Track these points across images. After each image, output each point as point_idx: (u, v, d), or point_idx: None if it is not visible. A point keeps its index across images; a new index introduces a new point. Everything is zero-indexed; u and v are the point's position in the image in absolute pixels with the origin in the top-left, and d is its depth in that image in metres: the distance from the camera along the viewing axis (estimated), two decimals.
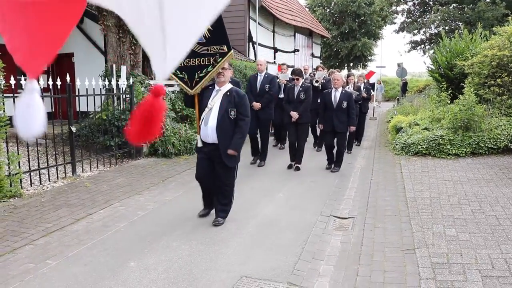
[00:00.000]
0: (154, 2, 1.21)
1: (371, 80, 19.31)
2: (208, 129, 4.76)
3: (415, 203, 5.77)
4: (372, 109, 18.22)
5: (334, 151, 8.07)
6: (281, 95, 10.18)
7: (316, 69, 11.16)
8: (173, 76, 4.79)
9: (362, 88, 10.94)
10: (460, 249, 4.21)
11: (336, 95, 7.75)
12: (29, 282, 3.67)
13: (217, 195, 5.06)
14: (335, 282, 3.77)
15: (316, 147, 10.25)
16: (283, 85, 9.61)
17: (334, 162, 8.02)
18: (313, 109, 8.87)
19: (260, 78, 8.45)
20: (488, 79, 10.17)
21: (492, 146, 8.51)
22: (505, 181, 6.59)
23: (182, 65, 4.73)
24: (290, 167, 8.02)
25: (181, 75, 4.88)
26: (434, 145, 8.78)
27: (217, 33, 4.65)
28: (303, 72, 10.51)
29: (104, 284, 3.64)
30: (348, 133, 8.24)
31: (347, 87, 9.47)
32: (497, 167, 7.53)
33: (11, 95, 6.20)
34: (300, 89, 7.78)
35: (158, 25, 1.25)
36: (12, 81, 5.99)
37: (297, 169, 7.91)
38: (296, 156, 7.96)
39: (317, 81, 9.68)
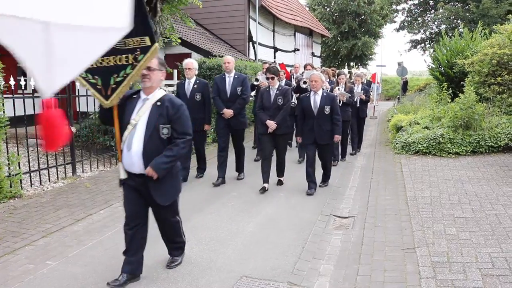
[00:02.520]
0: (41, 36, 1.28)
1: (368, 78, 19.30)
2: (133, 155, 3.44)
3: (416, 202, 5.76)
4: (372, 108, 18.23)
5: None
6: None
7: (305, 67, 9.63)
8: (82, 81, 3.55)
9: (359, 89, 9.57)
10: (461, 248, 4.21)
11: (316, 99, 6.37)
12: (29, 283, 3.67)
13: (163, 235, 3.97)
14: (335, 281, 3.77)
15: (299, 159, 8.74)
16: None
17: (322, 176, 6.85)
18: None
19: (229, 80, 6.92)
20: (488, 77, 10.16)
21: (493, 144, 8.49)
22: (506, 179, 6.58)
23: (95, 66, 3.46)
24: (263, 190, 6.42)
25: (93, 80, 3.54)
26: (434, 144, 8.77)
27: (137, 21, 3.08)
28: (290, 72, 10.01)
29: (104, 285, 3.63)
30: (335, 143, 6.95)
31: (337, 88, 8.27)
32: (498, 165, 7.52)
33: (11, 95, 6.20)
34: (277, 92, 6.41)
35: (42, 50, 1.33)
36: (12, 82, 5.99)
37: (280, 183, 6.84)
38: (278, 169, 6.81)
39: (305, 82, 7.85)
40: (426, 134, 9.05)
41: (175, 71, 11.07)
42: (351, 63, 33.49)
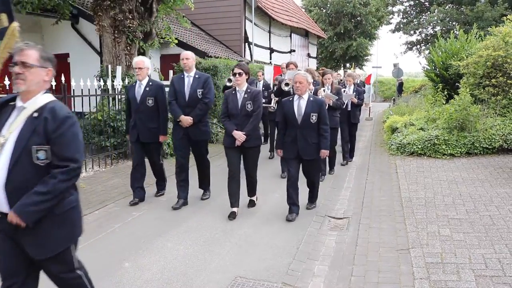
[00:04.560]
0: None
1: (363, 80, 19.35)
2: None
3: (410, 203, 5.79)
4: (368, 109, 18.29)
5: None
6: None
7: (287, 66, 7.84)
8: None
9: (351, 91, 8.72)
10: (454, 249, 4.23)
11: (300, 104, 5.25)
12: None
13: None
14: (329, 282, 3.78)
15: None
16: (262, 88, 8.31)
17: (309, 196, 5.81)
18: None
19: (188, 80, 5.69)
20: (483, 79, 10.21)
21: (487, 146, 8.54)
22: (500, 181, 6.62)
23: None
24: (232, 216, 5.31)
25: None
26: (429, 145, 8.81)
27: None
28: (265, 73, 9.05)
29: (98, 285, 3.61)
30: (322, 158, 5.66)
31: (323, 89, 7.02)
32: (492, 167, 7.56)
33: (6, 96, 6.17)
34: (245, 96, 5.24)
35: None
36: (7, 82, 5.97)
37: (252, 204, 5.79)
38: (248, 188, 5.70)
39: (287, 84, 6.91)
40: (421, 135, 9.09)
41: (171, 72, 11.06)
42: (347, 64, 33.59)
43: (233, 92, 5.34)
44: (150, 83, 5.81)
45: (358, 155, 9.65)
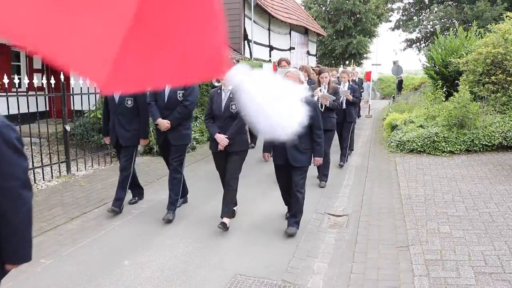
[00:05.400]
0: None
1: (361, 77, 19.30)
2: None
3: (410, 200, 5.79)
4: (368, 106, 18.28)
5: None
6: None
7: (279, 64, 7.42)
8: None
9: (346, 87, 8.31)
10: (454, 246, 4.23)
11: None
12: (22, 282, 3.66)
13: None
14: (329, 279, 3.78)
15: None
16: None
17: (290, 213, 4.94)
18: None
19: None
20: (482, 76, 10.21)
21: (487, 143, 8.54)
22: (499, 178, 6.62)
23: None
24: (224, 227, 4.74)
25: None
26: (429, 142, 8.81)
27: None
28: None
29: (98, 283, 3.63)
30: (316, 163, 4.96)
31: (318, 89, 6.59)
32: (491, 164, 7.57)
33: (5, 94, 6.17)
34: (231, 95, 4.72)
35: None
36: (6, 80, 5.96)
37: (224, 227, 4.75)
38: (224, 201, 4.87)
39: None
40: (421, 132, 9.09)
41: None
42: (346, 62, 33.57)
43: (218, 91, 4.86)
44: None
45: (357, 153, 9.64)
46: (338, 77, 10.68)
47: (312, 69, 7.93)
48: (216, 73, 1.71)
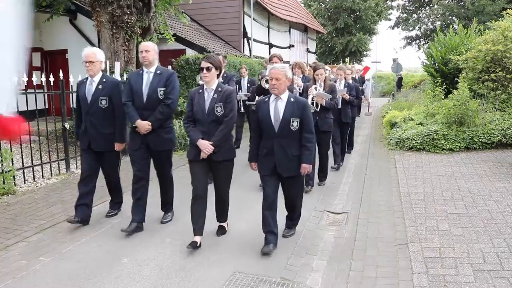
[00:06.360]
0: None
1: (365, 76, 19.30)
2: None
3: (409, 198, 5.79)
4: (367, 104, 18.26)
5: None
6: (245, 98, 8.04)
7: (270, 60, 6.56)
8: None
9: (342, 86, 7.88)
10: (453, 243, 4.23)
11: (278, 107, 4.12)
12: (22, 279, 3.66)
13: None
14: (328, 277, 3.78)
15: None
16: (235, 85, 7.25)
17: (286, 220, 4.72)
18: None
19: (147, 77, 4.64)
20: (482, 74, 10.20)
21: (486, 141, 8.54)
22: (498, 175, 6.62)
23: None
24: (193, 245, 4.19)
25: None
26: (428, 140, 8.81)
27: None
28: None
29: (96, 280, 3.63)
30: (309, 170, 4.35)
31: (313, 87, 6.10)
32: (491, 161, 7.57)
33: None
34: (215, 96, 4.19)
35: None
36: None
37: (223, 231, 4.69)
38: (218, 212, 4.65)
39: (267, 81, 4.66)
40: (420, 130, 9.09)
41: (169, 67, 11.04)
42: (346, 59, 33.56)
43: (200, 91, 4.27)
44: (104, 80, 4.83)
45: (356, 150, 9.64)
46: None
47: (310, 66, 7.72)
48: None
